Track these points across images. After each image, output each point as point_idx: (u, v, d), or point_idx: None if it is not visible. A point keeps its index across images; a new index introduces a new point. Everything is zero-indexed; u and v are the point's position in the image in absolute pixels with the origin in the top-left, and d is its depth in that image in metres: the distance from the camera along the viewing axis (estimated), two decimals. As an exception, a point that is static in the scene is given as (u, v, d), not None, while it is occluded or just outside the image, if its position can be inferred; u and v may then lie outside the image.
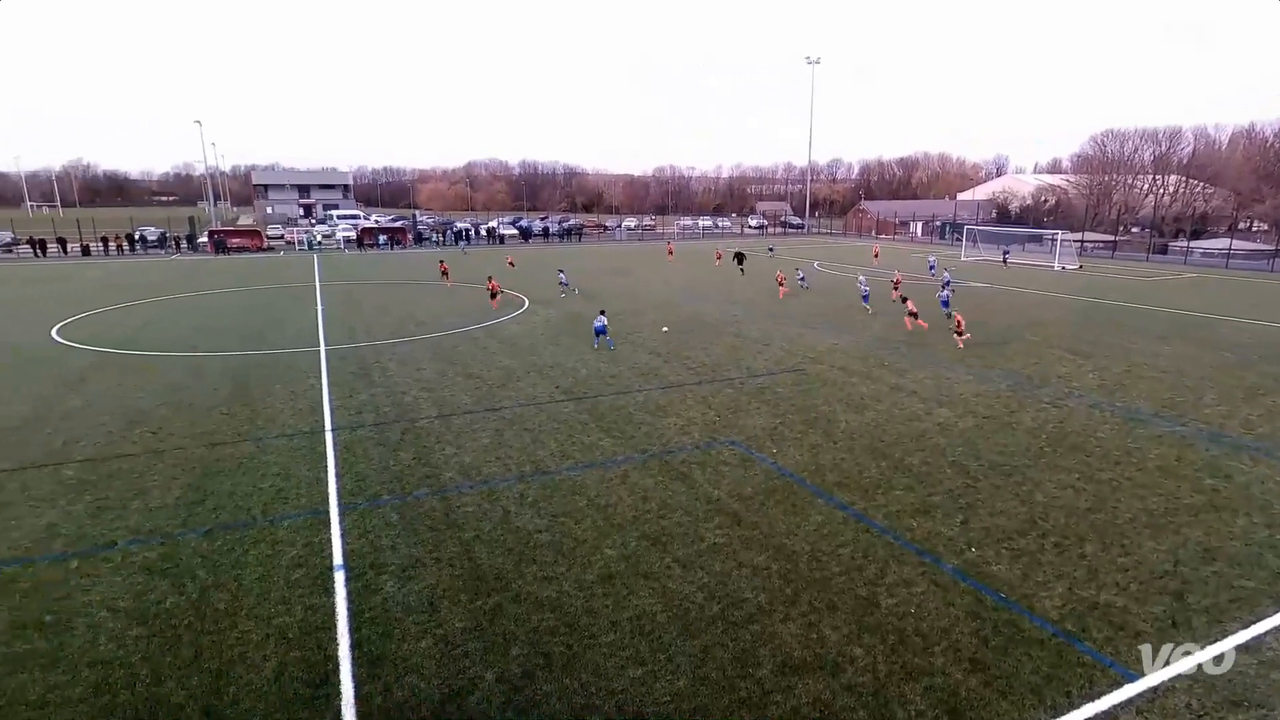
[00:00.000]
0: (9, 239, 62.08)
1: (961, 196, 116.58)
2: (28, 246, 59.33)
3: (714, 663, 7.55)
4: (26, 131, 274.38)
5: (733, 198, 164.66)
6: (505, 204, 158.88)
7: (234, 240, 61.68)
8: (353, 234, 68.48)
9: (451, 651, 7.73)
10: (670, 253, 52.98)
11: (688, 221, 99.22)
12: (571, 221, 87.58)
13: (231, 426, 14.97)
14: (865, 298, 30.18)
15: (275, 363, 20.56)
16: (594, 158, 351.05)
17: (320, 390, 17.62)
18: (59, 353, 22.07)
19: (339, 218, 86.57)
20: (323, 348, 22.53)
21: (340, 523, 10.69)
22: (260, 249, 61.54)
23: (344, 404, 16.50)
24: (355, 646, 7.81)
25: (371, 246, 64.94)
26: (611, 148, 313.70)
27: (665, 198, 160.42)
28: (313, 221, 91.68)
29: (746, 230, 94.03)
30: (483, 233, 75.37)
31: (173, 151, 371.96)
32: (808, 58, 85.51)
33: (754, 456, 13.34)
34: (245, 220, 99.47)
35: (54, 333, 25.04)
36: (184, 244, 63.04)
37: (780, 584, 9.03)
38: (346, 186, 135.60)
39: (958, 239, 62.57)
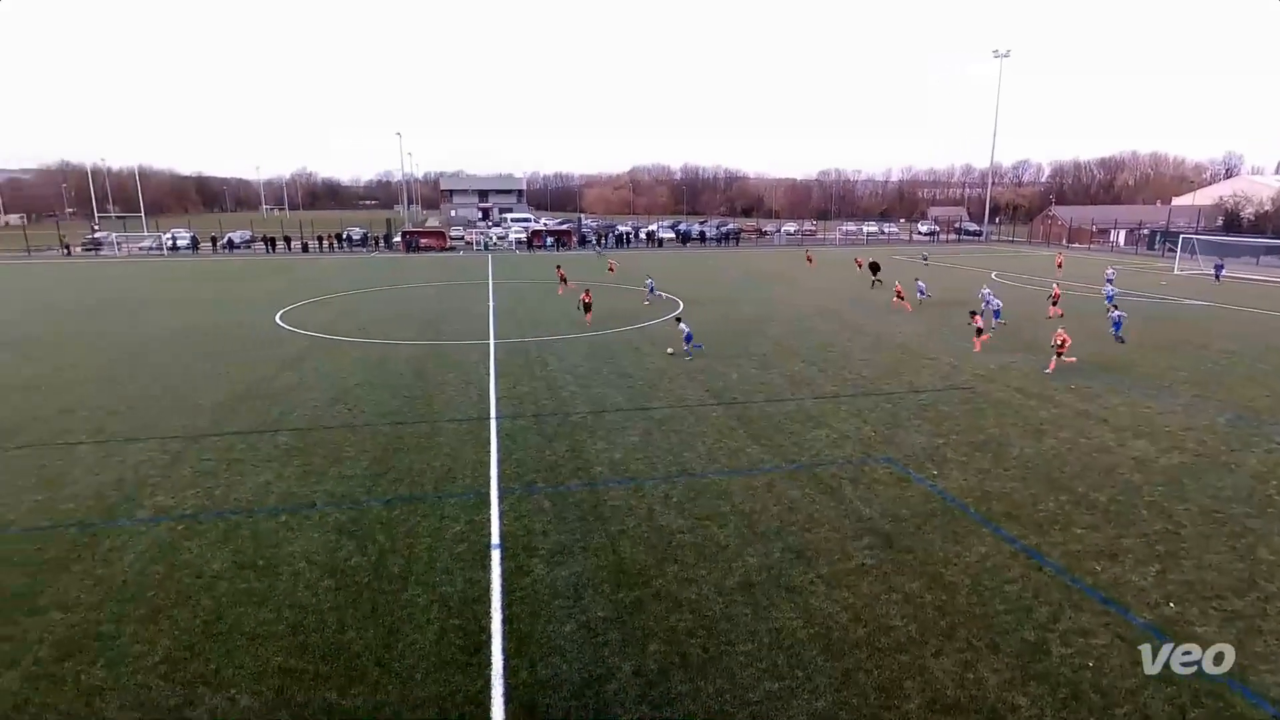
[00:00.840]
0: (248, 237, 72.99)
1: (1177, 201, 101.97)
2: (262, 243, 69.49)
3: (856, 688, 7.22)
4: (265, 145, 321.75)
5: (902, 202, 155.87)
6: (666, 208, 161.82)
7: (422, 240, 68.19)
8: (523, 236, 73.11)
9: (593, 639, 8.02)
10: (810, 260, 51.07)
11: (850, 227, 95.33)
12: (730, 226, 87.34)
13: (412, 409, 16.55)
14: (997, 314, 26.72)
15: (451, 352, 22.44)
16: (755, 161, 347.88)
17: (488, 380, 18.99)
18: (280, 335, 25.59)
19: (512, 220, 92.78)
20: (492, 341, 24.25)
21: (499, 505, 11.46)
22: (443, 248, 67.48)
23: (508, 394, 17.66)
24: (506, 622, 8.34)
25: (540, 248, 68.90)
26: (774, 151, 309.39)
27: (828, 202, 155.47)
28: (489, 224, 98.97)
29: (915, 237, 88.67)
30: (641, 236, 77.36)
31: (377, 161, 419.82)
32: (995, 51, 78.90)
33: (911, 477, 12.57)
34: (432, 222, 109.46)
35: (277, 318, 29.07)
36: (381, 243, 70.63)
37: (934, 615, 8.44)
38: (520, 192, 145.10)
39: (1170, 249, 54.79)
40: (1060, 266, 48.45)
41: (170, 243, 68.67)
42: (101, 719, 6.83)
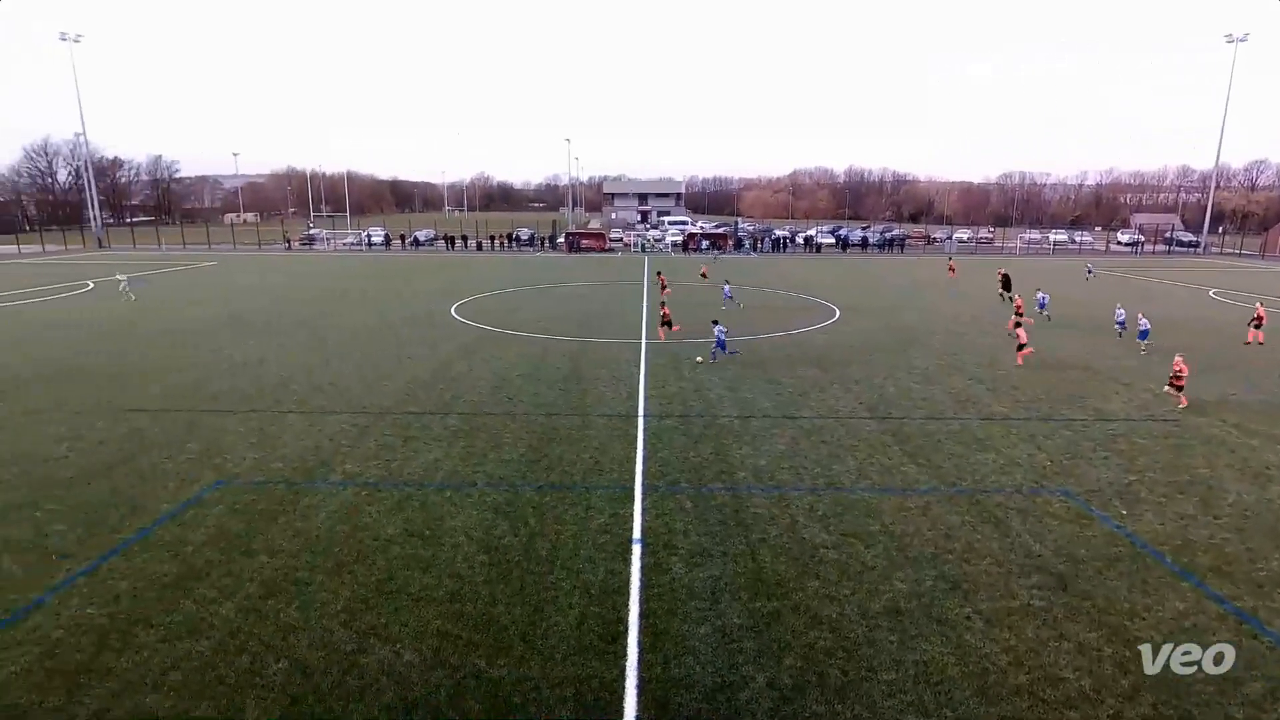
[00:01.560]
0: (431, 235, 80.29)
1: None
2: (442, 241, 76.15)
3: (1013, 739, 6.59)
4: (450, 151, 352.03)
5: (1099, 208, 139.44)
6: (827, 212, 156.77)
7: (583, 241, 71.29)
8: (679, 238, 74.07)
9: (727, 644, 7.98)
10: (952, 270, 46.68)
11: (1034, 235, 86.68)
12: (895, 232, 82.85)
13: (566, 401, 17.35)
14: (1144, 334, 23.07)
15: (605, 350, 23.26)
16: (926, 164, 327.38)
17: (638, 379, 19.47)
18: (455, 327, 27.86)
19: (669, 223, 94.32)
20: (644, 341, 24.82)
21: (642, 501, 11.71)
22: (603, 250, 70.07)
23: (656, 393, 18.00)
24: (643, 616, 8.51)
25: (695, 250, 69.45)
26: (945, 153, 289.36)
27: (1008, 207, 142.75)
28: (647, 226, 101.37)
29: (1113, 247, 79.04)
30: (798, 241, 75.52)
31: (546, 165, 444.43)
32: (1229, 35, 68.20)
33: (1094, 514, 11.25)
34: (594, 224, 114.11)
35: (453, 310, 31.69)
36: (546, 243, 74.73)
37: (1114, 672, 7.50)
38: (679, 195, 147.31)
39: None
40: None
41: (368, 239, 77.22)
42: (294, 654, 7.83)
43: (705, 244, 70.81)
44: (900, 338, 25.42)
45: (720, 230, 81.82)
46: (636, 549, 10.13)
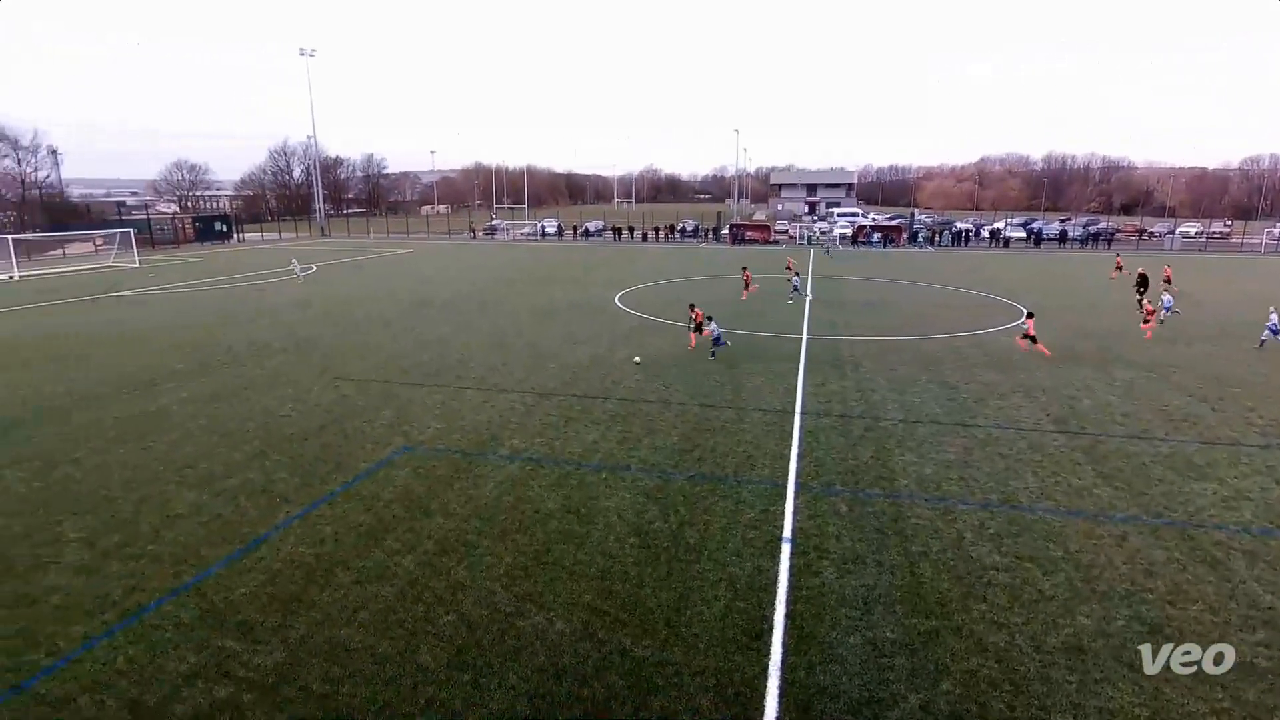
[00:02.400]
0: (600, 226, 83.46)
1: None
2: (610, 232, 78.92)
3: (1220, 816, 5.68)
4: (620, 145, 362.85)
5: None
6: (1018, 203, 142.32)
7: (748, 233, 70.60)
8: (848, 231, 70.99)
9: (878, 658, 7.60)
10: (1119, 268, 39.62)
11: (1288, 229, 72.67)
12: (1101, 225, 73.43)
13: (721, 394, 17.34)
14: (1275, 332, 21.30)
15: (763, 343, 22.92)
16: (1142, 148, 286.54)
17: (796, 375, 18.97)
18: (618, 314, 28.81)
19: (838, 215, 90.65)
20: (804, 336, 24.13)
21: (794, 500, 11.44)
22: (767, 241, 68.96)
23: (815, 391, 17.44)
24: (789, 618, 8.34)
25: (864, 244, 66.23)
26: (1171, 133, 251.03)
27: (1252, 196, 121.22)
28: (814, 218, 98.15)
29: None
30: (983, 234, 69.35)
31: (713, 157, 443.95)
32: None
33: (1350, 567, 9.34)
34: (759, 216, 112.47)
35: (616, 298, 32.76)
36: (710, 235, 74.86)
37: (1367, 760, 6.21)
38: (850, 185, 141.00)
39: None
40: None
41: (542, 230, 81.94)
42: (460, 609, 8.57)
43: (875, 237, 67.27)
44: (1099, 344, 22.60)
45: (894, 223, 77.38)
46: (786, 548, 9.93)
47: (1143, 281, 31.65)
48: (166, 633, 8.15)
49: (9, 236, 47.13)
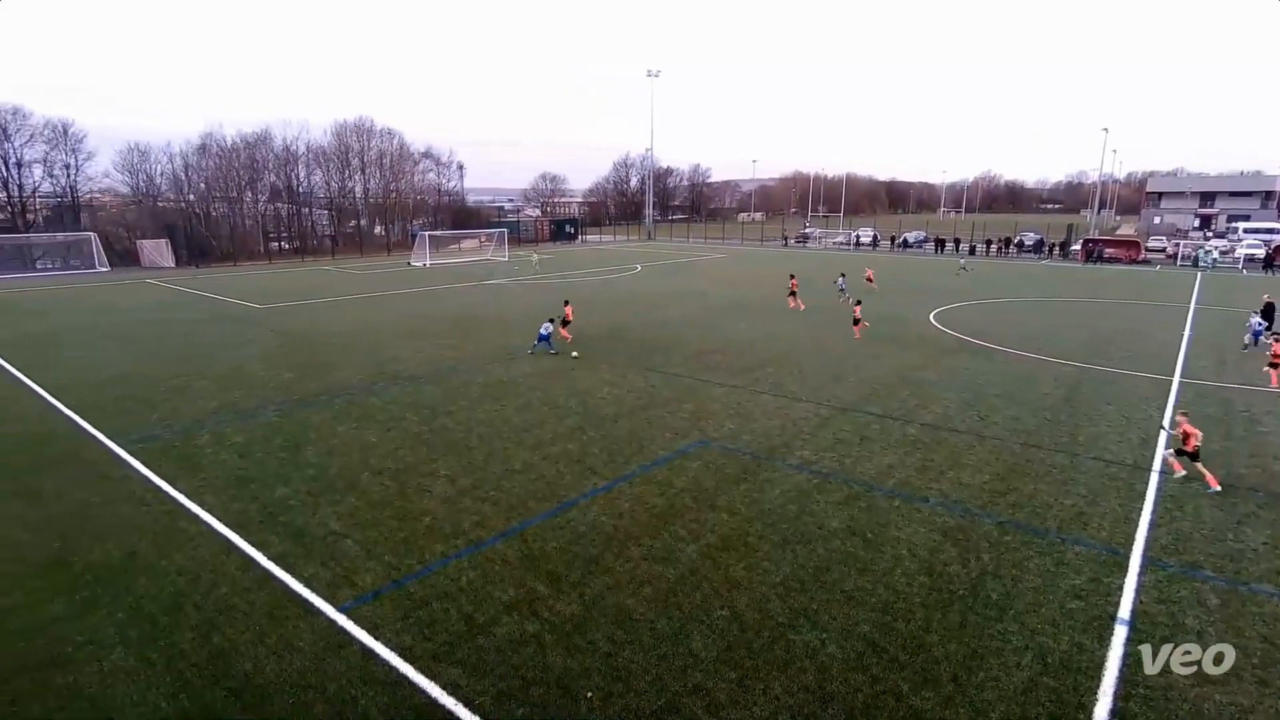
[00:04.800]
0: (921, 237, 77.57)
1: None
2: (932, 244, 72.92)
3: None
4: (953, 150, 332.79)
5: None
6: None
7: (1108, 250, 59.26)
8: (1260, 251, 55.57)
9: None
10: None
11: None
12: None
13: (1050, 433, 14.96)
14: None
15: (1114, 381, 19.18)
16: None
17: (1158, 423, 15.51)
18: (930, 332, 26.59)
19: (1244, 231, 71.58)
20: (1176, 378, 19.61)
21: (1139, 575, 9.40)
22: (1134, 261, 57.25)
23: (1184, 448, 14.04)
24: (1116, 716, 6.89)
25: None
26: None
27: None
28: (1206, 234, 78.82)
29: None
30: None
31: (1069, 160, 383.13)
32: None
33: None
34: (1125, 230, 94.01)
35: (930, 315, 30.25)
36: (1056, 250, 64.72)
37: None
38: (1268, 194, 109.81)
39: None
40: None
41: (856, 239, 79.17)
42: (734, 607, 8.75)
43: (1304, 260, 51.51)
44: None
45: (1337, 243, 58.48)
46: (1120, 630, 8.21)
47: (1269, 311, 24.26)
48: (496, 566, 9.77)
49: (427, 233, 60.65)
